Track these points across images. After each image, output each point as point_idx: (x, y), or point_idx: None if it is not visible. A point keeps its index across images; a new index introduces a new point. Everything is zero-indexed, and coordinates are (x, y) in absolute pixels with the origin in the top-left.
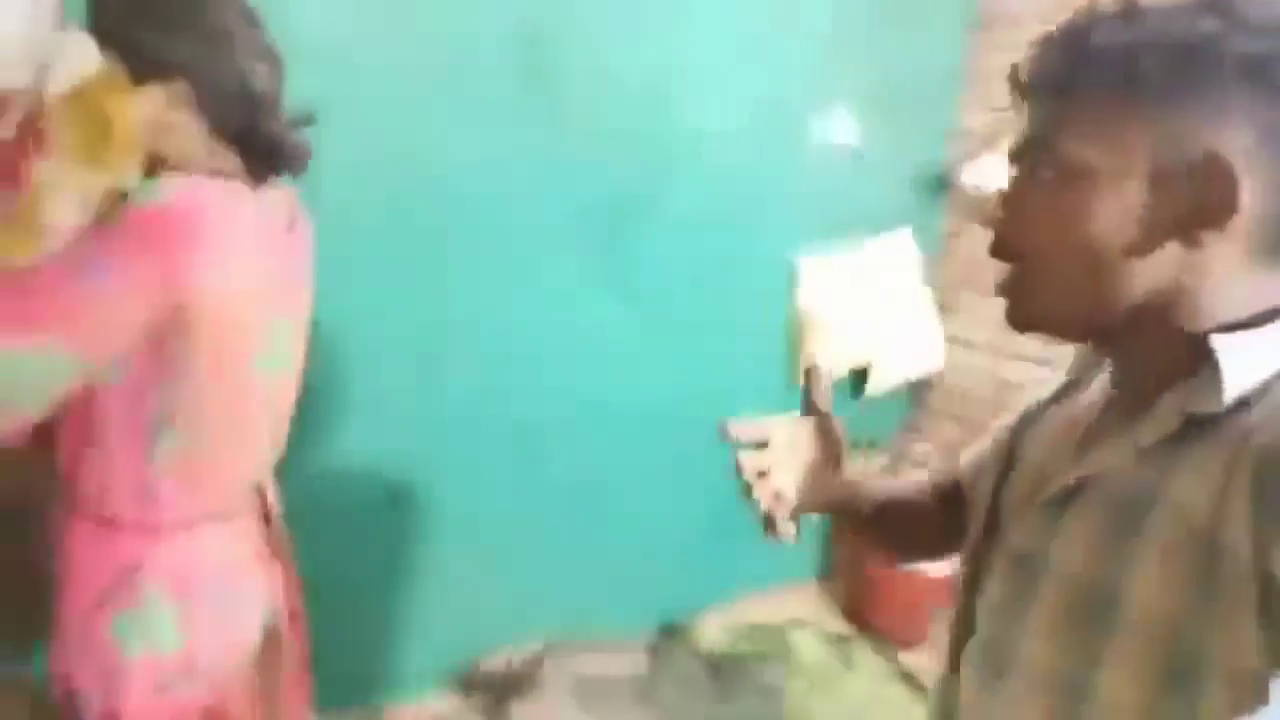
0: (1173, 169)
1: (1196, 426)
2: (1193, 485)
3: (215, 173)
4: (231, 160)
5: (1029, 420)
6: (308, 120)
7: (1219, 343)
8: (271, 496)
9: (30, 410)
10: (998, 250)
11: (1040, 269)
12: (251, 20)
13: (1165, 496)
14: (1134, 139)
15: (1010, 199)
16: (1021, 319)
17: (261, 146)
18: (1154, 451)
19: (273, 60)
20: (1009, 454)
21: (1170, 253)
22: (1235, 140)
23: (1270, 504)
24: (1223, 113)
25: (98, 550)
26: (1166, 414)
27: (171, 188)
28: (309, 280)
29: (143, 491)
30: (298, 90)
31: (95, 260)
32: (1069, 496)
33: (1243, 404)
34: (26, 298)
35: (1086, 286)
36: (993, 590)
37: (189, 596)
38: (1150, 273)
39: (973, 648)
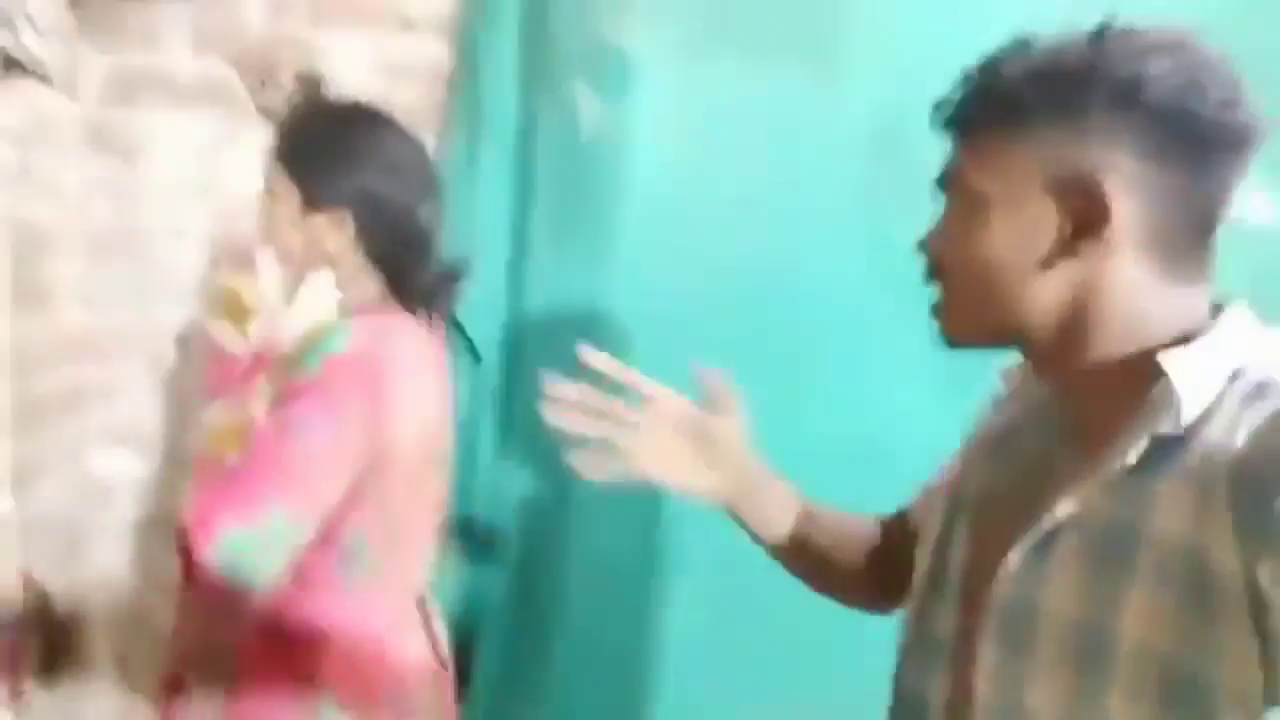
0: (1054, 189)
1: (1160, 450)
2: (1170, 514)
3: (373, 307)
4: (376, 290)
5: (974, 454)
6: (461, 269)
7: (1167, 361)
8: (433, 608)
9: (269, 582)
10: (927, 274)
11: (955, 289)
12: (421, 155)
13: (1145, 531)
14: (1021, 166)
15: (934, 229)
16: (947, 335)
17: (415, 283)
18: (1122, 483)
19: (436, 195)
20: (957, 492)
21: (1064, 269)
22: (1114, 159)
23: (1250, 516)
24: (1099, 134)
25: (277, 661)
26: (1128, 443)
27: (358, 331)
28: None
29: (327, 615)
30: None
31: (303, 419)
32: (1048, 541)
33: (1199, 420)
34: (249, 479)
35: (994, 303)
36: (986, 654)
37: (369, 707)
38: (1051, 286)
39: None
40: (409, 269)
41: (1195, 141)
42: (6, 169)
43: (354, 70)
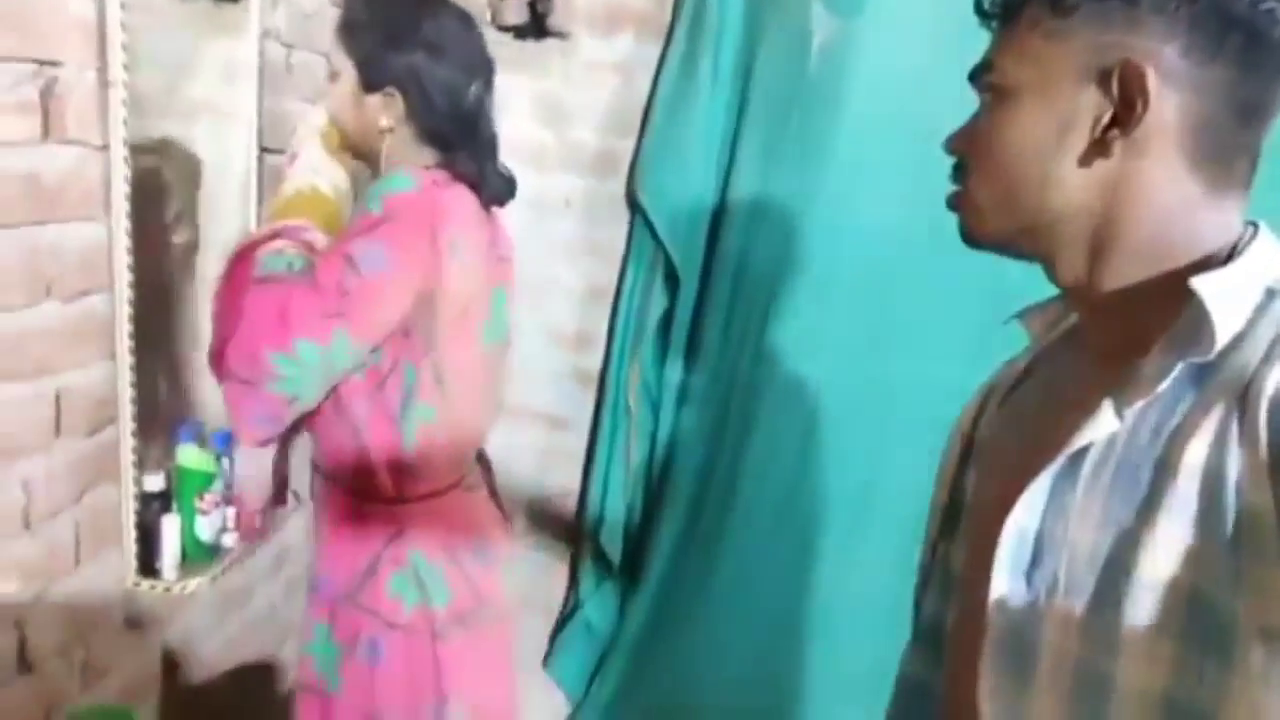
0: (1092, 77)
1: (1189, 375)
2: (1198, 443)
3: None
4: (434, 160)
5: (989, 398)
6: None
7: (1200, 284)
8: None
9: (312, 401)
10: (954, 173)
11: (981, 183)
12: (472, 34)
13: (1171, 460)
14: (1060, 54)
15: (963, 126)
16: (969, 235)
17: (465, 160)
18: (1149, 410)
19: (485, 72)
20: (969, 445)
21: (1098, 167)
22: (1158, 52)
23: None
24: (1148, 24)
25: (365, 521)
26: (1157, 368)
27: (415, 176)
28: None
29: (396, 464)
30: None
31: (368, 249)
32: (1069, 471)
33: (1231, 344)
34: (320, 297)
35: (1020, 196)
36: (1000, 583)
37: (453, 553)
38: (1080, 183)
39: (991, 649)
40: (458, 146)
41: (1248, 40)
42: (280, 64)
43: None
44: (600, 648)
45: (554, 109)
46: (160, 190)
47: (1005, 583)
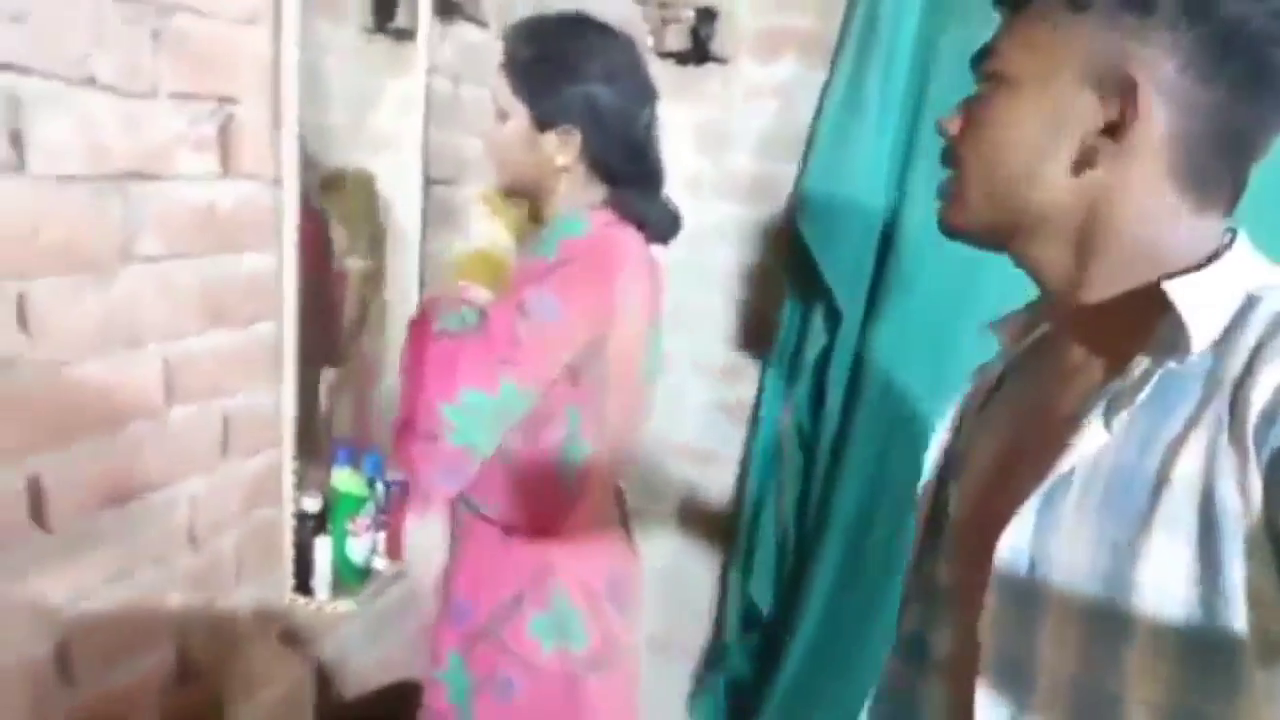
0: (1091, 80)
1: (1169, 385)
2: (1184, 454)
3: (592, 208)
4: (601, 196)
5: (966, 412)
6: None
7: (1173, 288)
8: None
9: (489, 449)
10: (945, 157)
11: (969, 170)
12: (638, 60)
13: (1158, 473)
14: (1064, 50)
15: (956, 110)
16: (948, 223)
17: (635, 193)
18: (1132, 423)
19: (653, 99)
20: (947, 459)
21: (1085, 172)
22: (1158, 65)
23: None
24: (1151, 37)
25: (510, 556)
26: (1140, 376)
27: (588, 220)
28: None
29: (553, 503)
30: None
31: (542, 295)
32: (1057, 489)
33: (1210, 351)
34: (489, 346)
35: (1008, 187)
36: (991, 603)
37: (593, 598)
38: (1068, 183)
39: (987, 668)
40: (628, 180)
41: (1249, 69)
42: (447, 98)
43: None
44: (745, 693)
45: (712, 135)
46: (335, 220)
47: (999, 602)
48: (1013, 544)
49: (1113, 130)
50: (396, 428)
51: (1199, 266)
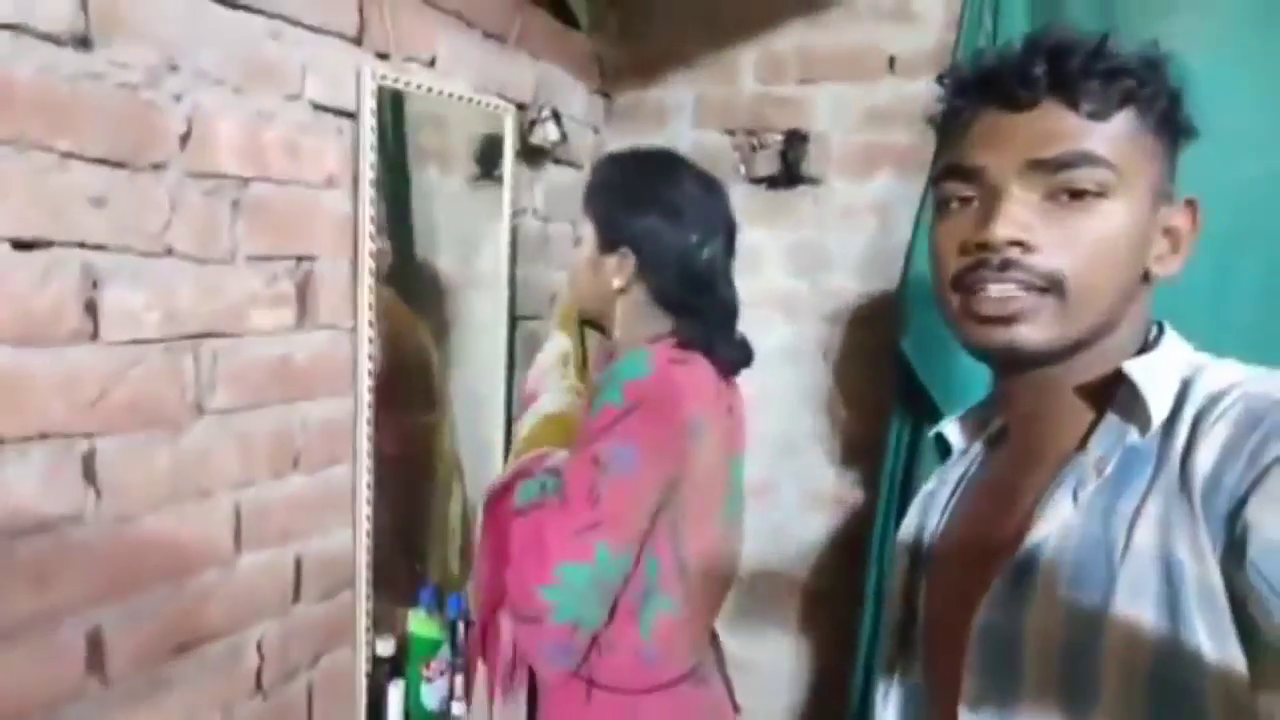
0: (1158, 193)
1: (1126, 463)
2: (1142, 526)
3: (655, 338)
4: (667, 327)
5: (929, 517)
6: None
7: (1131, 367)
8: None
9: (597, 621)
10: (1007, 268)
11: (1070, 289)
12: (712, 197)
13: (1120, 545)
14: (1146, 164)
15: (1019, 216)
16: (1032, 345)
17: (700, 322)
18: (1095, 498)
19: (724, 233)
20: (914, 558)
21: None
22: (1170, 176)
23: (1228, 524)
24: (1170, 147)
25: (592, 710)
26: (1103, 452)
27: (650, 358)
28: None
29: (634, 658)
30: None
31: (616, 450)
32: (1025, 567)
33: (1160, 431)
34: (573, 512)
35: (1100, 307)
36: (969, 686)
37: None
38: (1128, 301)
39: None
40: (691, 310)
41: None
42: (529, 239)
43: (840, 120)
44: None
45: (808, 256)
46: (414, 364)
47: (976, 684)
48: (986, 622)
49: (1175, 240)
50: (481, 609)
51: (1142, 350)
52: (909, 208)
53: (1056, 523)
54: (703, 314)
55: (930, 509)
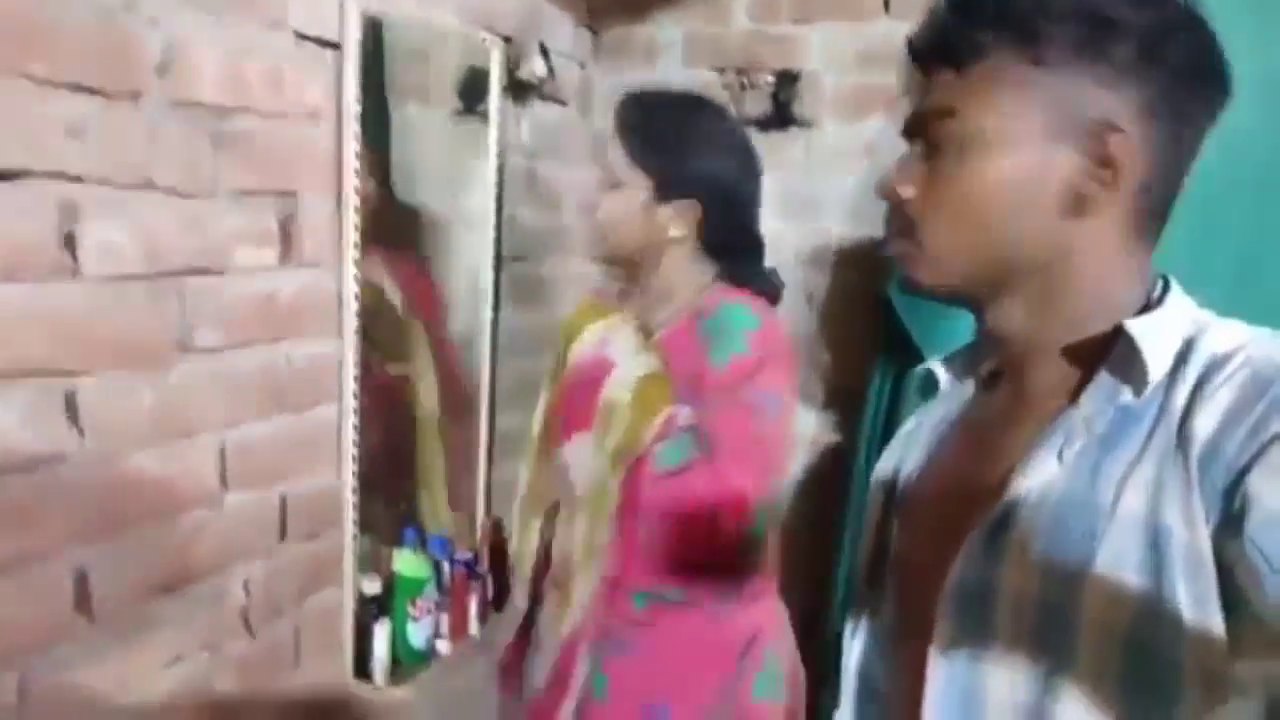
0: (1069, 134)
1: (1119, 421)
2: (1130, 488)
3: (705, 283)
4: (712, 270)
5: (909, 456)
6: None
7: (1132, 325)
8: None
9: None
10: (894, 221)
11: (937, 234)
12: (750, 143)
13: (1105, 506)
14: (1030, 107)
15: (903, 171)
16: (919, 281)
17: (748, 269)
18: (1082, 456)
19: (760, 171)
20: (889, 494)
21: (1061, 223)
22: (1130, 114)
23: (1226, 494)
24: (1123, 85)
25: (720, 632)
26: (1095, 410)
27: (753, 309)
28: None
29: (748, 577)
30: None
31: (764, 395)
32: (1005, 521)
33: (1156, 391)
34: (751, 463)
35: (986, 252)
36: (941, 636)
37: (784, 654)
38: (1046, 239)
39: (933, 701)
40: (736, 254)
41: (1205, 107)
42: (516, 177)
43: (833, 61)
44: None
45: (796, 201)
46: (397, 304)
47: (948, 629)
48: (961, 576)
49: (1103, 183)
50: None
51: (1145, 308)
52: (900, 152)
53: (1039, 478)
54: (743, 256)
55: (909, 447)
